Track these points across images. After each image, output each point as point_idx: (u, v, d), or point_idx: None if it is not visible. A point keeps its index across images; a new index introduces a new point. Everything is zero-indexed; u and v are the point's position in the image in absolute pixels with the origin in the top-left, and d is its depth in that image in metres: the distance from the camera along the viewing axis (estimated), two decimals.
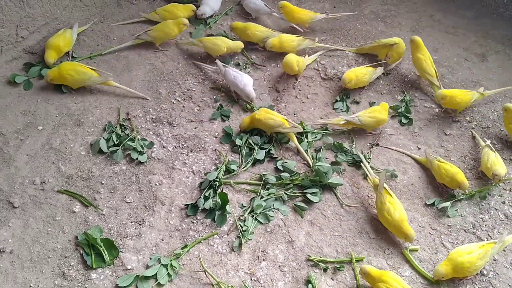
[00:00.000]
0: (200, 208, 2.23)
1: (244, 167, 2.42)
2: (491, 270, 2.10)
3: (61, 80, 2.69)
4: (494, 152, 2.41)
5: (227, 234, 2.18)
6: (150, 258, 2.07)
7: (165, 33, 2.99)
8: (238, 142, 2.51)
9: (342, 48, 3.10)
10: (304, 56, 2.91)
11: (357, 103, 2.78)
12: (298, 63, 2.80)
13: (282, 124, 2.48)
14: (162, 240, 2.15)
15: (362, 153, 2.50)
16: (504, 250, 2.16)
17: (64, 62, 2.75)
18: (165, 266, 2.03)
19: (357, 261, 2.09)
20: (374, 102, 2.78)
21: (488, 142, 2.50)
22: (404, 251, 2.13)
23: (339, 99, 2.79)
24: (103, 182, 2.35)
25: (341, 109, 2.74)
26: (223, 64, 2.80)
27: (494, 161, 2.35)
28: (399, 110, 2.73)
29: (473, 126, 2.69)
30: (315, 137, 2.58)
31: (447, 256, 2.03)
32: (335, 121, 2.58)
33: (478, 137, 2.60)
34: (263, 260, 2.10)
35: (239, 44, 2.95)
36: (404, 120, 2.70)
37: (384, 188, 2.19)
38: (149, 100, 2.69)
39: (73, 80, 2.67)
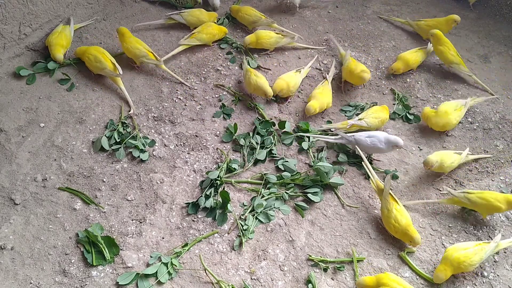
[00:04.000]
0: (201, 206, 2.24)
1: (246, 167, 2.42)
2: (491, 272, 2.09)
3: (83, 59, 2.81)
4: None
5: (228, 233, 2.18)
6: (151, 256, 2.07)
7: (199, 20, 3.13)
8: (241, 142, 2.50)
9: (319, 47, 3.09)
10: (300, 71, 2.81)
11: (363, 108, 2.74)
12: (289, 88, 2.70)
13: (146, 55, 2.76)
14: (163, 238, 2.16)
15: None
16: (505, 252, 2.16)
17: (94, 46, 2.82)
18: (166, 264, 2.03)
19: (358, 261, 2.09)
20: (376, 103, 2.77)
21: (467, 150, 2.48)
22: (402, 254, 2.12)
23: (352, 105, 2.76)
24: (104, 180, 2.35)
25: (346, 115, 2.72)
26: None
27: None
28: (399, 113, 2.73)
29: (475, 127, 2.69)
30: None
31: (443, 257, 2.02)
32: (341, 125, 2.55)
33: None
34: (264, 259, 2.10)
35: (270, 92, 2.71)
36: (409, 117, 2.70)
37: (390, 194, 2.19)
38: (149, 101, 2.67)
39: (90, 65, 2.77)
